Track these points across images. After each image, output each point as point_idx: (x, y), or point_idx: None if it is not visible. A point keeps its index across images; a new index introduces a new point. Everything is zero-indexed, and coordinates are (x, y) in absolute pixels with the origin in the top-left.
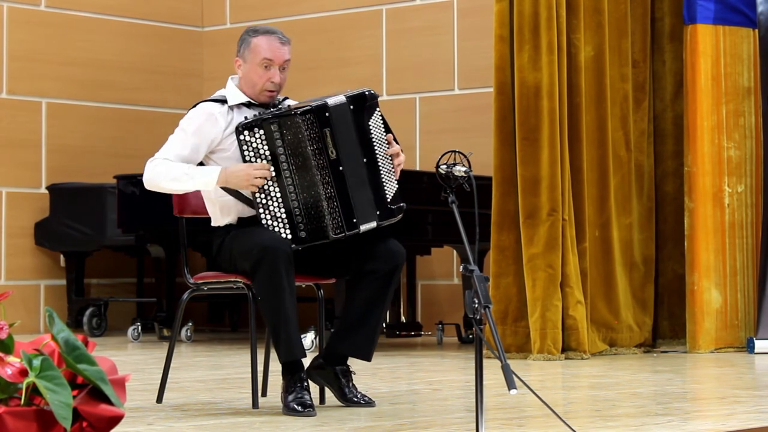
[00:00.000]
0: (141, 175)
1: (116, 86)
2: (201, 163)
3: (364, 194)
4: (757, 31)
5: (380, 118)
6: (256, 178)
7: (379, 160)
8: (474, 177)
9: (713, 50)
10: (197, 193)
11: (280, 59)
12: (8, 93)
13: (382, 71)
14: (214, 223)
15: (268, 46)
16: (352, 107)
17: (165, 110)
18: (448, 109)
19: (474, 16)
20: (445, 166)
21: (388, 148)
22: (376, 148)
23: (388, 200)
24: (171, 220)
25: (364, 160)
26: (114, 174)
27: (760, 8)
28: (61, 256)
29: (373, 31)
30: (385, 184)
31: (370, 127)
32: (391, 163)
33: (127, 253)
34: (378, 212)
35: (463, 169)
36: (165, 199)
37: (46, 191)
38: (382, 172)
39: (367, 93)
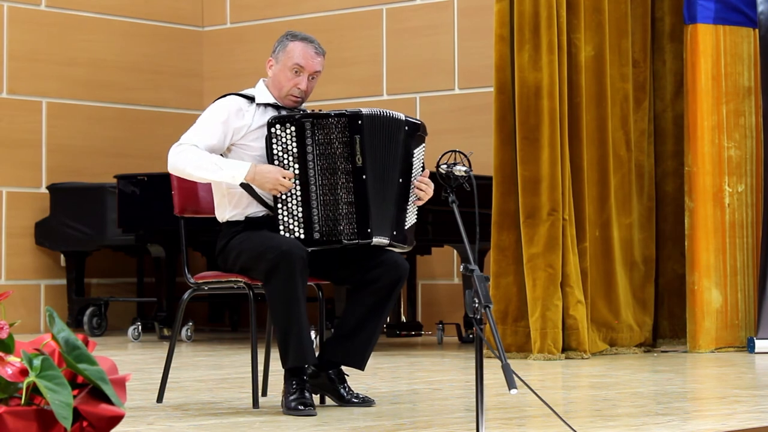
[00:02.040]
0: (141, 175)
1: (116, 86)
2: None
3: (387, 210)
4: (757, 30)
5: (423, 153)
6: (282, 185)
7: (412, 187)
8: (474, 177)
9: (713, 50)
10: (199, 192)
11: (312, 68)
12: (8, 93)
13: (382, 71)
14: (218, 216)
15: (302, 53)
16: (407, 128)
17: (165, 110)
18: (448, 109)
19: (474, 16)
20: (445, 166)
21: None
22: (413, 175)
23: (406, 227)
24: (171, 219)
25: (400, 180)
26: (114, 174)
27: (760, 8)
28: (62, 256)
29: (373, 30)
30: (408, 211)
31: (415, 155)
32: (416, 197)
33: (128, 253)
34: (394, 232)
35: (464, 168)
36: (165, 198)
37: (47, 191)
38: (410, 199)
39: (421, 124)
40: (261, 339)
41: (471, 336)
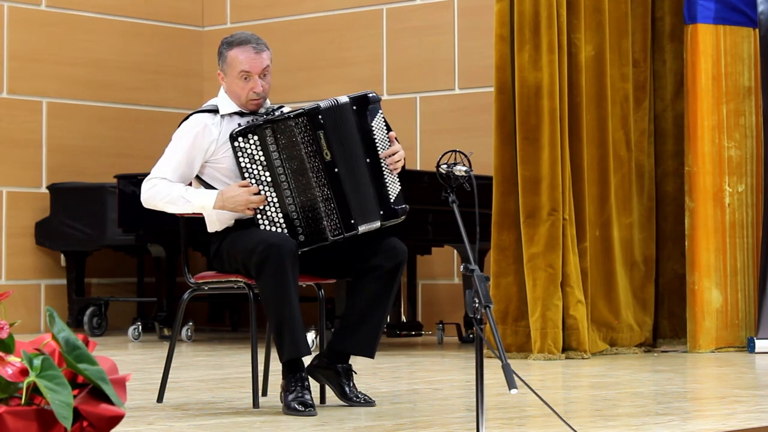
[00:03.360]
0: (141, 175)
1: (116, 86)
2: (198, 176)
3: (367, 194)
4: (757, 30)
5: (382, 119)
6: (253, 203)
7: (382, 160)
8: (474, 176)
9: (714, 50)
10: None
11: (258, 68)
12: (8, 93)
13: (382, 71)
14: (210, 229)
15: (243, 58)
16: (354, 107)
17: (165, 110)
18: (448, 109)
19: (474, 16)
20: (445, 166)
21: (389, 147)
22: (378, 149)
23: (392, 201)
24: (171, 219)
25: (367, 160)
26: (114, 174)
27: (760, 8)
28: (62, 256)
29: (373, 30)
30: (388, 184)
31: (373, 128)
32: (394, 165)
33: (128, 253)
34: (381, 212)
35: (464, 168)
36: None
37: (47, 191)
38: (385, 172)
39: (369, 95)
40: (261, 339)
41: (471, 336)
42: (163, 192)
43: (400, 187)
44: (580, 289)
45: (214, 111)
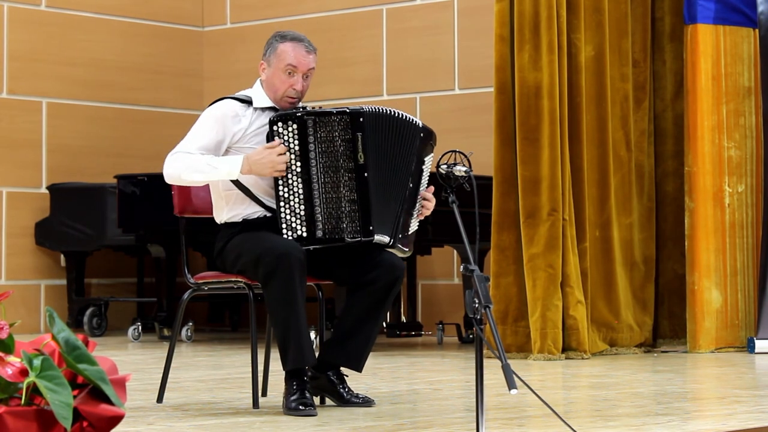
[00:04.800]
0: (141, 175)
1: (116, 86)
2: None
3: (392, 209)
4: (757, 30)
5: (431, 161)
6: (280, 164)
7: (418, 194)
8: (474, 177)
9: (713, 50)
10: (199, 192)
11: (305, 67)
12: (8, 93)
13: (382, 71)
14: (216, 218)
15: (293, 53)
16: (422, 135)
17: (165, 110)
18: (448, 109)
19: (474, 16)
20: (445, 166)
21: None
22: (421, 183)
23: (408, 234)
24: (171, 219)
25: (410, 184)
26: (114, 174)
27: (760, 8)
28: (62, 256)
29: (373, 31)
30: (412, 217)
31: (425, 162)
32: (425, 208)
33: (128, 253)
34: (399, 235)
35: (464, 168)
36: (165, 198)
37: (47, 191)
38: (416, 206)
39: (434, 133)
40: (261, 339)
41: (471, 336)
42: (188, 161)
43: (416, 230)
44: (580, 290)
45: (248, 102)
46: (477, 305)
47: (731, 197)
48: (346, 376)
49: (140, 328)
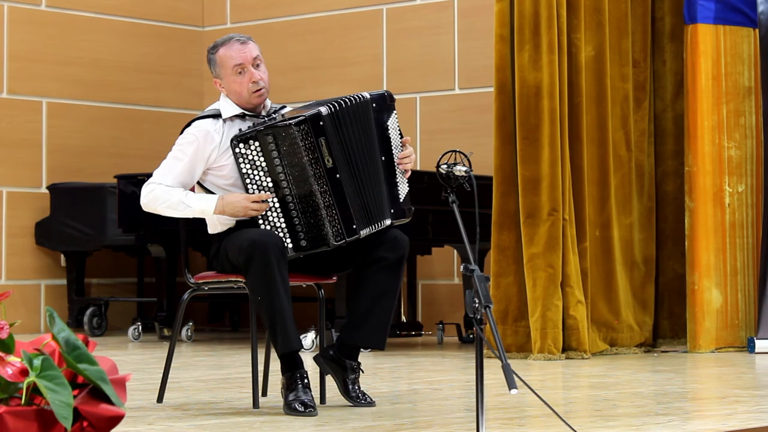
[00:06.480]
0: (141, 175)
1: (116, 86)
2: (199, 182)
3: (378, 193)
4: (757, 30)
5: (396, 120)
6: (253, 210)
7: (395, 159)
8: (474, 177)
9: (714, 50)
10: None
11: (249, 58)
12: (8, 93)
13: (382, 71)
14: (211, 231)
15: (231, 53)
16: (374, 105)
17: (165, 110)
18: (448, 109)
19: (474, 16)
20: (445, 166)
21: (402, 149)
22: (393, 148)
23: (401, 200)
24: (171, 220)
25: (383, 158)
26: (114, 174)
27: (760, 8)
28: (62, 256)
29: (373, 30)
30: (399, 184)
31: (389, 128)
32: (406, 166)
33: (128, 253)
34: (392, 210)
35: (464, 168)
36: None
37: (47, 191)
38: (397, 171)
39: (386, 94)
40: (261, 339)
41: (471, 336)
42: (163, 197)
43: (408, 188)
44: (580, 290)
45: (217, 116)
46: (477, 305)
47: (731, 197)
48: (362, 371)
49: (140, 328)
